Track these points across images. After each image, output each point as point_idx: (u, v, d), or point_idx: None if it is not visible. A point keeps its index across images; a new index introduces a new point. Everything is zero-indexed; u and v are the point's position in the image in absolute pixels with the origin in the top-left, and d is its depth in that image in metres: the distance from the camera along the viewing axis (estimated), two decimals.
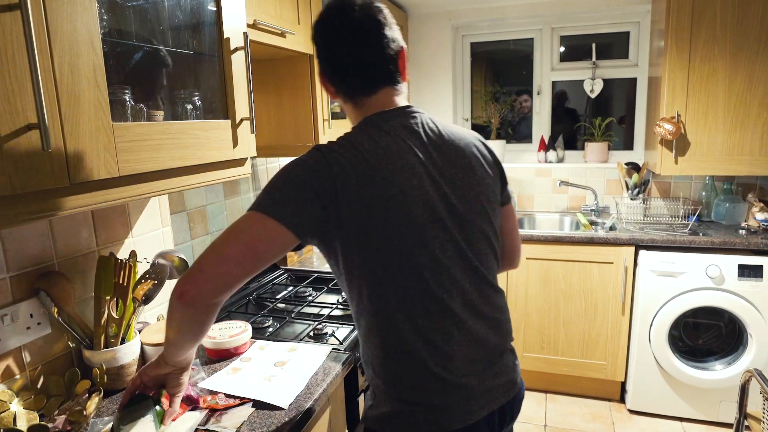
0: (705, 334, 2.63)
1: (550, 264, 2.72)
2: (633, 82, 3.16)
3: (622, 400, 2.80)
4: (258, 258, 0.93)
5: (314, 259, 2.31)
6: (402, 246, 0.96)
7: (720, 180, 2.90)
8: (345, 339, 1.48)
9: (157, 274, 1.25)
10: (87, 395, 1.05)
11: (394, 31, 1.04)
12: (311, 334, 1.55)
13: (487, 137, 3.38)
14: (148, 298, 1.23)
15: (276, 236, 0.93)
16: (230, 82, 1.25)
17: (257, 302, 1.84)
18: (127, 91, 1.02)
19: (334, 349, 1.41)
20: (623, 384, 2.79)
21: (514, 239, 1.25)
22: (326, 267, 2.17)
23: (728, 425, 2.56)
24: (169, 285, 1.50)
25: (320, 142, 2.04)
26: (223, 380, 1.23)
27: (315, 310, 1.76)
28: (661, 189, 3.02)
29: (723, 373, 2.45)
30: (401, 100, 1.09)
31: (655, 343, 2.51)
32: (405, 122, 1.04)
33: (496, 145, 3.28)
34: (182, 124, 1.10)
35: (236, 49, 1.26)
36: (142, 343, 1.26)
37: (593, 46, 3.15)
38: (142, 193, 1.03)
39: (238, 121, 1.27)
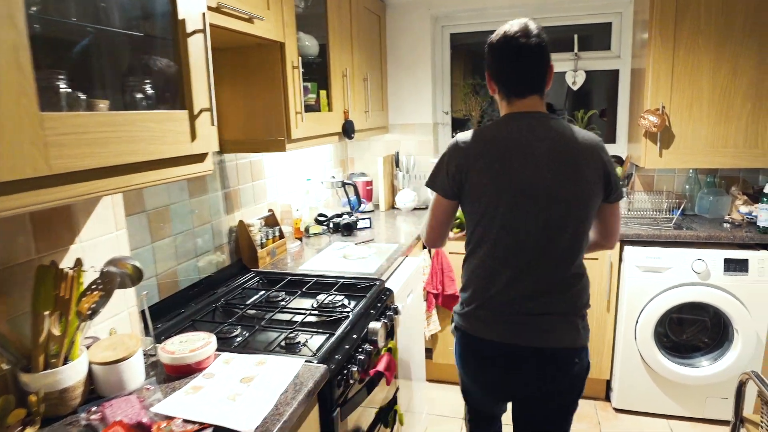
0: (690, 329, 2.59)
1: None
2: (615, 74, 3.10)
3: (607, 398, 2.75)
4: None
5: (288, 260, 2.19)
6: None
7: (703, 173, 2.85)
8: (319, 349, 1.37)
9: (105, 284, 1.12)
10: (21, 427, 0.91)
11: (547, 53, 1.40)
12: (283, 343, 1.43)
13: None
14: (94, 312, 1.09)
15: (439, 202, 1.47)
16: (187, 69, 1.12)
17: (225, 309, 1.71)
18: (61, 77, 0.89)
19: (306, 361, 1.30)
20: (608, 382, 2.74)
21: (609, 226, 1.52)
22: (301, 269, 2.05)
23: (714, 422, 2.52)
24: (123, 294, 1.36)
25: (292, 137, 1.93)
26: (181, 402, 1.11)
27: (287, 317, 1.64)
28: (645, 182, 2.97)
29: (709, 370, 2.41)
30: (542, 107, 1.41)
31: (641, 341, 2.46)
32: (535, 121, 1.37)
33: None
34: (129, 115, 0.97)
35: (194, 32, 1.13)
36: (90, 363, 1.12)
37: (575, 37, 3.08)
38: (82, 194, 0.90)
39: (196, 112, 1.14)
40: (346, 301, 1.73)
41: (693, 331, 2.59)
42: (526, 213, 1.34)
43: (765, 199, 2.33)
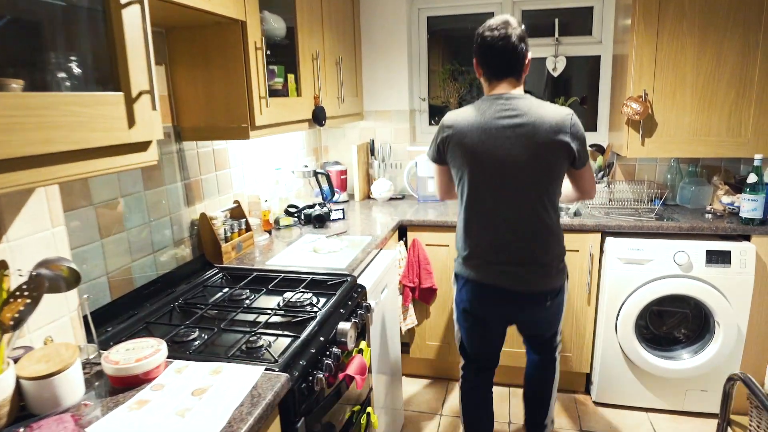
0: (670, 320, 2.54)
1: None
2: (596, 60, 3.01)
3: (587, 391, 2.70)
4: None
5: (255, 254, 2.07)
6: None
7: (685, 162, 2.80)
8: (282, 354, 1.26)
9: (32, 289, 0.99)
10: None
11: (525, 44, 1.66)
12: (244, 347, 1.32)
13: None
14: (18, 322, 0.96)
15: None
16: (122, 46, 0.98)
17: (184, 309, 1.59)
18: None
19: (267, 369, 1.19)
20: (588, 375, 2.69)
21: (580, 186, 1.84)
22: (268, 264, 1.93)
23: (694, 414, 2.50)
24: (63, 298, 1.23)
25: (256, 124, 1.80)
26: (122, 420, 0.99)
27: (251, 317, 1.53)
28: (626, 172, 2.91)
29: (690, 363, 2.37)
30: (518, 89, 1.70)
31: (622, 334, 2.40)
32: (504, 100, 1.66)
33: None
34: (47, 96, 0.83)
35: (129, 3, 0.99)
36: (18, 378, 1.00)
37: (556, 21, 2.98)
38: None
39: (134, 94, 1.01)
40: (314, 299, 1.62)
41: (673, 323, 2.54)
42: (494, 179, 1.67)
43: (748, 190, 2.28)
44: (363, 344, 1.63)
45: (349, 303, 1.63)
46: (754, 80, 2.34)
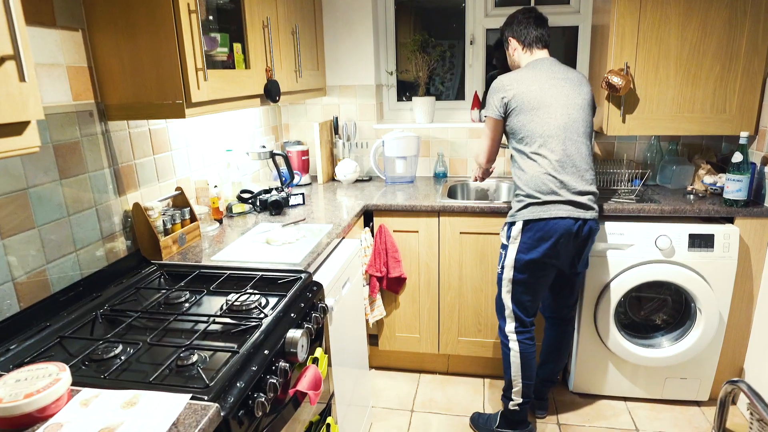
0: (648, 305, 2.43)
1: (486, 239, 2.39)
2: (573, 31, 2.83)
3: (563, 382, 2.59)
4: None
5: (204, 246, 1.85)
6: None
7: (665, 140, 2.66)
8: (216, 375, 1.06)
9: None
10: None
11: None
12: (172, 366, 1.12)
13: (415, 93, 2.96)
14: None
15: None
16: None
17: (109, 318, 1.37)
18: None
19: (194, 396, 0.99)
20: (565, 365, 2.57)
21: None
22: (214, 259, 1.71)
23: (673, 402, 2.41)
24: None
25: (193, 99, 1.55)
26: None
27: (188, 325, 1.32)
28: (605, 150, 2.76)
29: (670, 350, 2.26)
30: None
31: (602, 323, 2.28)
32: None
33: (425, 103, 2.88)
34: None
35: None
36: None
37: None
38: None
39: None
40: (262, 301, 1.43)
41: (652, 307, 2.43)
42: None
43: (732, 170, 2.15)
44: (318, 352, 1.44)
45: (303, 305, 1.43)
46: (740, 52, 2.19)
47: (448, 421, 2.34)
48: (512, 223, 2.01)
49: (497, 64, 2.95)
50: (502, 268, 2.05)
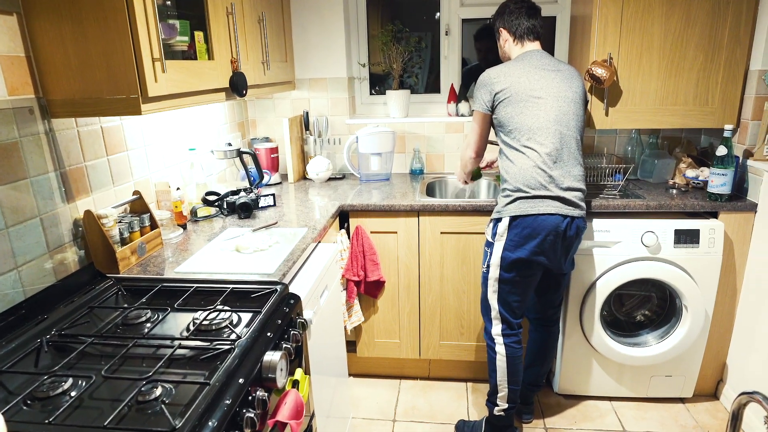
0: (629, 301, 2.38)
1: (468, 238, 2.29)
2: (551, 22, 2.75)
3: (548, 383, 2.52)
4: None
5: (166, 256, 1.68)
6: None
7: (645, 133, 2.62)
8: (184, 414, 0.92)
9: None
10: None
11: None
12: (132, 403, 0.96)
13: (389, 87, 2.83)
14: None
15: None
16: None
17: (57, 345, 1.20)
18: None
19: None
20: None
21: None
22: (178, 271, 1.55)
23: (658, 400, 2.37)
24: None
25: (150, 94, 1.38)
26: None
27: (150, 350, 1.17)
28: (585, 144, 2.69)
29: (657, 349, 2.21)
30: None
31: (587, 323, 2.21)
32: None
33: (400, 96, 2.75)
34: None
35: None
36: None
37: None
38: None
39: None
40: (234, 318, 1.28)
41: (633, 303, 2.38)
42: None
43: (717, 164, 2.11)
44: (299, 373, 1.31)
45: (279, 322, 1.29)
46: (723, 43, 2.14)
47: (433, 430, 2.24)
48: (498, 219, 1.91)
49: (479, 56, 2.85)
50: (488, 267, 1.96)
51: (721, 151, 2.10)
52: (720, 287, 2.20)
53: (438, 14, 2.80)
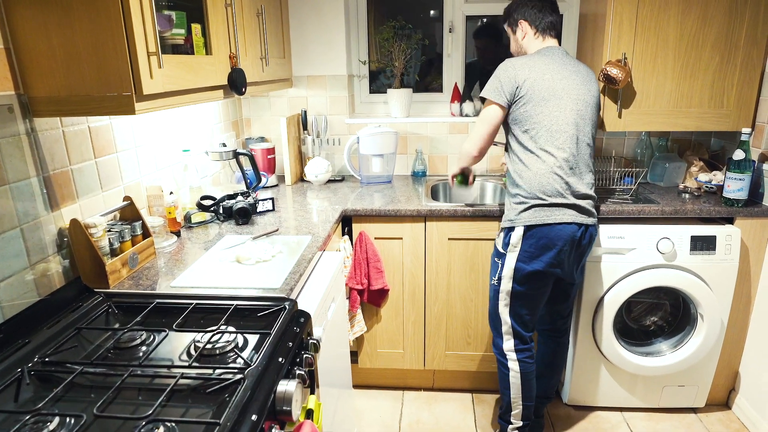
0: (637, 308, 2.31)
1: (476, 245, 2.19)
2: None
3: (556, 393, 2.44)
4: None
5: (159, 267, 1.55)
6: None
7: (655, 135, 2.55)
8: None
9: None
10: None
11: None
12: None
13: (389, 85, 2.72)
14: None
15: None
16: None
17: (41, 375, 1.06)
18: None
19: None
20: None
21: None
22: (174, 284, 1.42)
23: (670, 410, 2.31)
24: None
25: (145, 91, 1.25)
26: None
27: (146, 380, 1.04)
28: None
29: (671, 358, 2.14)
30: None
31: (600, 332, 2.13)
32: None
33: (401, 95, 2.64)
34: None
35: None
36: None
37: None
38: None
39: None
40: (240, 340, 1.16)
41: (641, 310, 2.31)
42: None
43: (733, 167, 2.04)
44: (312, 400, 1.19)
45: (290, 344, 1.18)
46: (739, 43, 2.07)
47: None
48: (511, 229, 1.81)
49: (478, 53, 2.76)
50: (499, 279, 1.85)
51: (739, 155, 2.03)
52: (735, 296, 2.13)
53: (432, 12, 2.69)
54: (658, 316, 2.29)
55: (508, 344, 1.90)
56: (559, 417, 2.29)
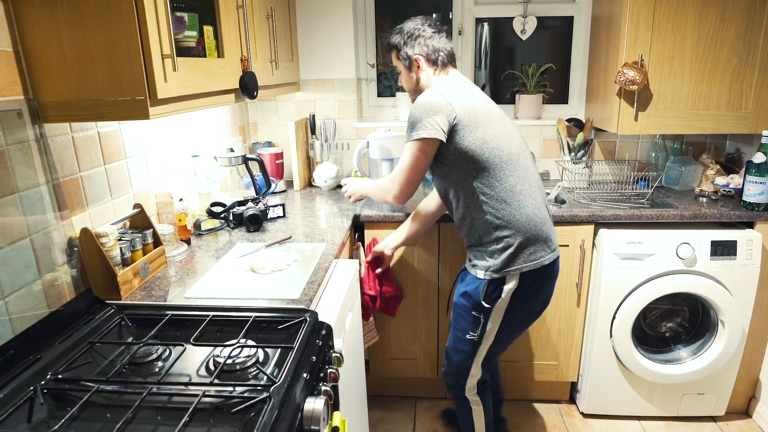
0: (653, 315, 2.26)
1: None
2: (568, 22, 2.63)
3: (571, 400, 2.39)
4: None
5: (170, 276, 1.49)
6: None
7: (670, 138, 2.51)
8: None
9: None
10: None
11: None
12: None
13: (395, 88, 2.68)
14: None
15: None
16: None
17: (55, 394, 1.01)
18: None
19: None
20: (573, 383, 2.38)
21: None
22: (188, 295, 1.37)
23: (690, 419, 2.26)
24: None
25: (159, 95, 1.20)
26: None
27: (165, 398, 0.99)
28: (605, 150, 2.58)
29: (691, 366, 2.10)
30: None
31: (618, 339, 2.08)
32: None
33: (407, 99, 2.59)
34: None
35: None
36: None
37: None
38: None
39: None
40: (261, 355, 1.11)
41: (656, 316, 2.27)
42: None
43: (753, 171, 2.00)
44: (337, 417, 1.14)
45: (314, 358, 1.13)
46: (758, 45, 2.04)
47: None
48: (500, 280, 1.55)
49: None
50: (481, 336, 1.63)
51: (759, 158, 1.99)
52: (757, 302, 2.09)
53: (441, 14, 2.65)
54: (674, 322, 2.25)
55: (472, 383, 1.75)
56: (576, 426, 2.24)
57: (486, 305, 1.59)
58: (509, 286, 1.55)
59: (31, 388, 1.00)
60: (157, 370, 1.08)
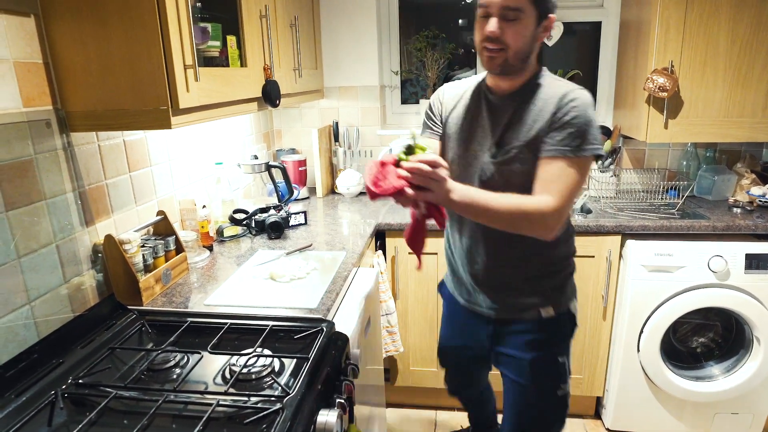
0: (684, 329, 2.18)
1: None
2: (596, 27, 2.58)
3: (597, 415, 2.33)
4: None
5: (192, 283, 1.51)
6: None
7: (702, 146, 2.43)
8: None
9: None
10: None
11: None
12: None
13: (421, 95, 2.67)
14: None
15: None
16: None
17: (75, 399, 1.03)
18: None
19: None
20: (598, 399, 2.31)
21: None
22: (208, 302, 1.38)
23: None
24: None
25: (181, 105, 1.22)
26: None
27: (181, 405, 0.99)
28: (634, 158, 2.51)
29: (724, 384, 2.01)
30: None
31: (646, 354, 2.02)
32: None
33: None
34: None
35: None
36: None
37: None
38: None
39: None
40: (276, 365, 1.11)
41: (687, 330, 2.18)
42: None
43: None
44: (352, 430, 1.13)
45: (329, 370, 1.12)
46: None
47: None
48: (568, 314, 1.40)
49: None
50: (566, 382, 1.44)
51: None
52: None
53: (462, 21, 2.63)
54: (706, 337, 2.17)
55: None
56: None
57: (566, 343, 1.42)
58: (571, 314, 1.41)
59: (52, 393, 1.02)
60: (174, 377, 1.09)
